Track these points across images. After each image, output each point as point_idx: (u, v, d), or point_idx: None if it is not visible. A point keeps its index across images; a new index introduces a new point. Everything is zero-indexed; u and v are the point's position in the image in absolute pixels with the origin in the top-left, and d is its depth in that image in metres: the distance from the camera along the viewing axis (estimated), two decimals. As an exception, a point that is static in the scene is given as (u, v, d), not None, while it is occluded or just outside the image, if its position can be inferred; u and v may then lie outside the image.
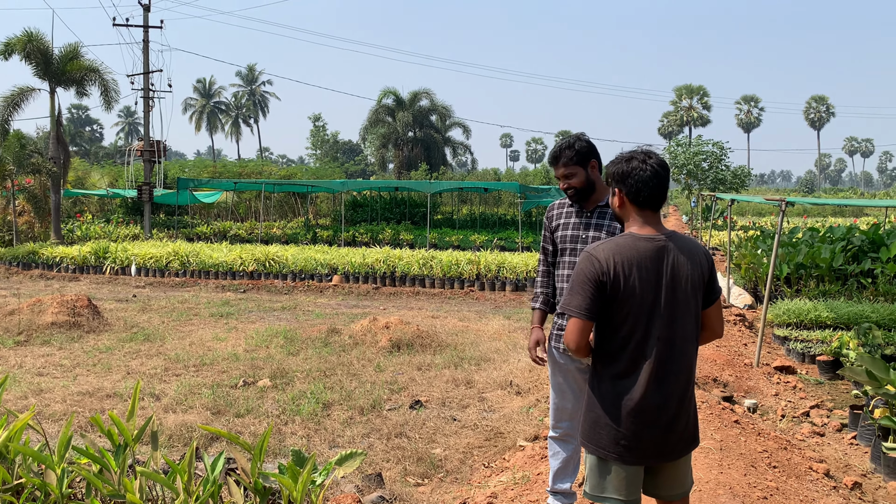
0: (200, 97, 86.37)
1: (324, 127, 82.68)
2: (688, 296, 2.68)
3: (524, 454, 5.14)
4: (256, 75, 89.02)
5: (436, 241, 22.34)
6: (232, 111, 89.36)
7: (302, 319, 11.41)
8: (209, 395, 6.81)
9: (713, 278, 2.79)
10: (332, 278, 15.66)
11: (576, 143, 3.65)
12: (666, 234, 2.71)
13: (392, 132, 52.56)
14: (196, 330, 10.31)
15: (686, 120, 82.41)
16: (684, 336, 2.69)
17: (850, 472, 5.33)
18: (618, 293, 2.61)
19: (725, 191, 30.72)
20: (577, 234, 3.65)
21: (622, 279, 2.60)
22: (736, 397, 6.89)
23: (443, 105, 53.50)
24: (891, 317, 9.74)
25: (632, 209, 2.74)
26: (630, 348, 2.65)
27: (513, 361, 8.22)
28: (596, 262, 2.62)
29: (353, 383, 7.33)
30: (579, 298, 2.63)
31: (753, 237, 16.85)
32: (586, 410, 2.78)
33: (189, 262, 16.70)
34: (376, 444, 5.60)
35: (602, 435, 2.69)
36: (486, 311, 12.75)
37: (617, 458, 2.66)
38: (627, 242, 2.66)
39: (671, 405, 2.66)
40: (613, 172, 2.78)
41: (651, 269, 2.63)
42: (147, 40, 25.26)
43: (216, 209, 32.73)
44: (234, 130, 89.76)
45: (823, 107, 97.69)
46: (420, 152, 51.31)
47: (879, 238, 13.54)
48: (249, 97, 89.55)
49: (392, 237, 23.16)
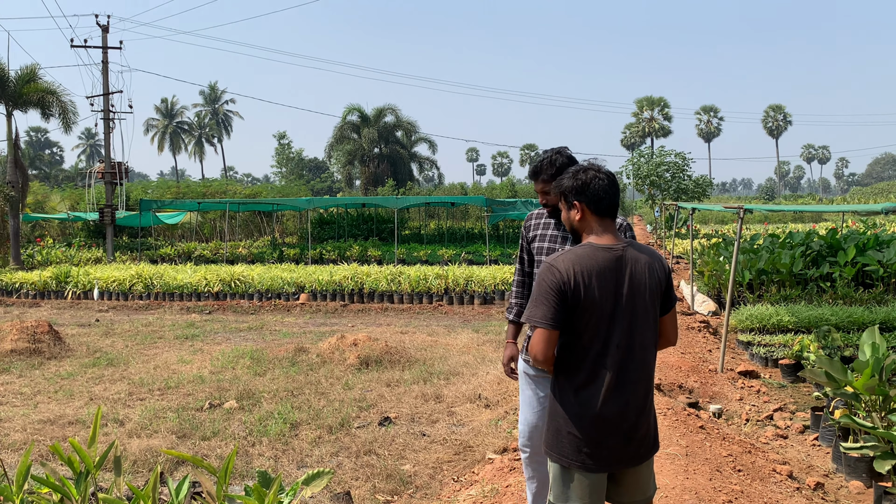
0: (162, 117, 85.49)
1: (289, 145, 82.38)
2: (646, 304, 2.72)
3: (493, 467, 5.15)
4: (219, 94, 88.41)
5: (404, 257, 22.32)
6: (195, 131, 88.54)
7: (269, 339, 11.31)
8: (174, 418, 6.71)
9: (670, 286, 2.85)
10: (299, 297, 15.56)
11: (557, 159, 3.61)
12: (624, 243, 2.76)
13: (358, 149, 52.52)
14: (161, 353, 10.16)
15: (648, 131, 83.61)
16: (643, 344, 2.73)
17: (813, 472, 5.43)
18: (578, 302, 2.64)
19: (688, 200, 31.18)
20: (554, 246, 3.60)
21: (582, 289, 2.63)
22: (701, 403, 6.99)
23: (408, 121, 53.64)
24: (849, 319, 9.97)
25: (592, 219, 2.78)
26: (590, 357, 2.68)
27: (481, 375, 8.23)
28: (556, 273, 2.66)
29: (321, 402, 7.28)
30: (543, 309, 2.65)
31: (716, 245, 17.13)
32: (549, 419, 2.81)
33: (153, 285, 16.47)
34: (345, 463, 5.57)
35: (564, 444, 2.71)
36: (455, 325, 12.76)
37: (580, 466, 2.69)
38: (587, 252, 2.70)
39: (631, 413, 2.70)
40: (571, 186, 2.82)
41: (610, 279, 2.67)
42: (106, 61, 24.96)
43: (180, 230, 32.36)
44: (197, 150, 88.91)
45: (781, 115, 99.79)
46: (386, 168, 51.33)
47: (837, 243, 13.87)
48: (213, 116, 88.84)
49: (360, 254, 23.08)
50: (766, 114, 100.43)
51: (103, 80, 24.88)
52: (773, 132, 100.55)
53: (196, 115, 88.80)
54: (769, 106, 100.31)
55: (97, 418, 3.67)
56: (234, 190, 37.80)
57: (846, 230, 17.84)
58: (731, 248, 15.41)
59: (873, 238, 14.02)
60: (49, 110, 22.63)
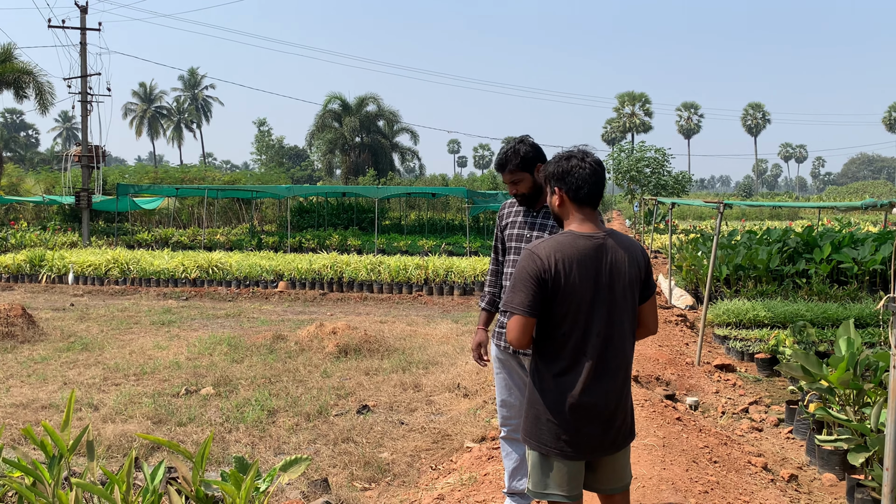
0: (141, 101, 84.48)
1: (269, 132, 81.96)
2: (626, 292, 2.73)
3: (471, 455, 5.15)
4: (199, 79, 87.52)
5: (384, 247, 22.26)
6: (174, 116, 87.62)
7: (246, 326, 11.23)
8: (150, 404, 6.64)
9: (649, 275, 2.85)
10: (277, 285, 15.46)
11: (521, 148, 3.64)
12: (604, 231, 2.76)
13: (339, 137, 52.28)
14: (136, 338, 10.05)
15: (629, 126, 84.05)
16: (622, 332, 2.74)
17: (787, 465, 5.49)
18: (559, 290, 2.64)
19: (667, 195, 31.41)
20: (523, 233, 3.68)
21: (563, 276, 2.63)
22: (678, 395, 7.04)
23: (390, 110, 53.48)
24: (824, 315, 10.09)
25: (572, 207, 2.78)
26: (570, 345, 2.68)
27: (460, 364, 8.24)
28: (538, 260, 2.65)
29: (299, 390, 7.24)
30: (521, 295, 2.65)
31: (694, 240, 17.27)
32: (528, 407, 2.81)
33: (129, 270, 16.28)
34: (323, 450, 5.54)
35: (543, 431, 2.72)
36: (435, 315, 12.76)
37: (559, 453, 2.70)
38: (567, 240, 2.69)
39: (611, 400, 2.71)
40: (553, 172, 2.82)
41: (590, 266, 2.67)
42: (84, 42, 24.57)
43: (158, 216, 32.02)
44: (176, 136, 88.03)
45: (760, 114, 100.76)
46: (368, 158, 51.15)
47: (813, 240, 14.03)
48: (192, 102, 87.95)
49: (339, 243, 22.98)
50: (745, 111, 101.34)
51: (81, 61, 24.49)
52: (752, 130, 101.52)
53: (175, 100, 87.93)
54: (749, 104, 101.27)
55: (70, 402, 3.62)
56: (212, 176, 37.49)
57: (822, 228, 18.05)
58: (708, 243, 15.54)
59: (848, 236, 14.20)
60: (25, 91, 22.25)
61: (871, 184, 77.62)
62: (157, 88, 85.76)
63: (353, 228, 28.02)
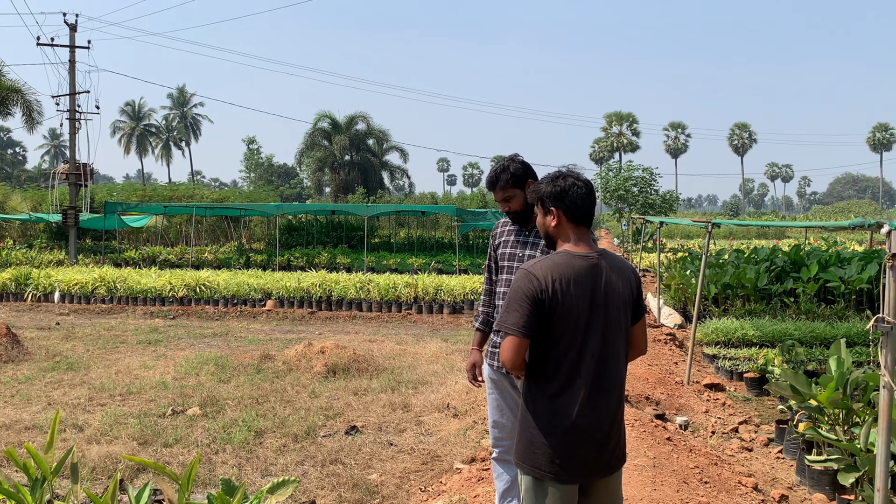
0: (130, 119, 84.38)
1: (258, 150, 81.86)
2: (619, 313, 2.71)
3: (461, 477, 5.11)
4: (188, 97, 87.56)
5: (373, 265, 22.21)
6: (163, 134, 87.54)
7: (234, 346, 11.15)
8: (136, 424, 6.56)
9: (640, 296, 2.85)
10: (265, 303, 15.38)
11: (510, 165, 3.66)
12: (598, 251, 2.75)
13: (328, 155, 52.32)
14: (123, 358, 9.95)
15: (616, 146, 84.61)
16: (616, 353, 2.71)
17: (778, 485, 5.48)
18: (556, 310, 2.61)
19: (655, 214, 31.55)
20: (515, 252, 3.67)
21: (560, 296, 2.60)
22: (668, 415, 7.02)
23: (380, 129, 53.61)
24: (812, 334, 10.12)
25: (569, 227, 2.77)
26: (565, 366, 2.64)
27: (450, 384, 8.19)
28: (534, 280, 2.62)
29: (286, 410, 7.17)
30: (516, 316, 2.61)
31: (682, 259, 17.32)
32: (521, 430, 2.76)
33: (116, 288, 16.15)
34: (311, 472, 5.48)
35: (537, 455, 2.66)
36: (424, 333, 12.71)
37: (553, 477, 2.64)
38: (563, 260, 2.68)
39: (605, 422, 2.68)
40: (549, 192, 2.80)
41: (587, 286, 2.65)
42: (73, 60, 24.55)
43: (146, 234, 31.87)
44: (164, 153, 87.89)
45: (746, 133, 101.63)
46: (357, 176, 51.18)
47: (800, 259, 14.11)
48: (181, 120, 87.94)
49: (328, 261, 22.92)
50: (731, 131, 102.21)
51: (70, 79, 24.46)
52: (738, 150, 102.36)
53: (164, 118, 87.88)
54: (735, 124, 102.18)
55: (55, 423, 3.57)
56: (201, 194, 37.39)
57: (809, 247, 18.17)
58: (697, 262, 15.60)
59: (835, 255, 14.30)
60: (11, 109, 22.14)
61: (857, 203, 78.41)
62: (145, 106, 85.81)
63: (343, 246, 27.96)
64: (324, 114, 51.75)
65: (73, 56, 24.56)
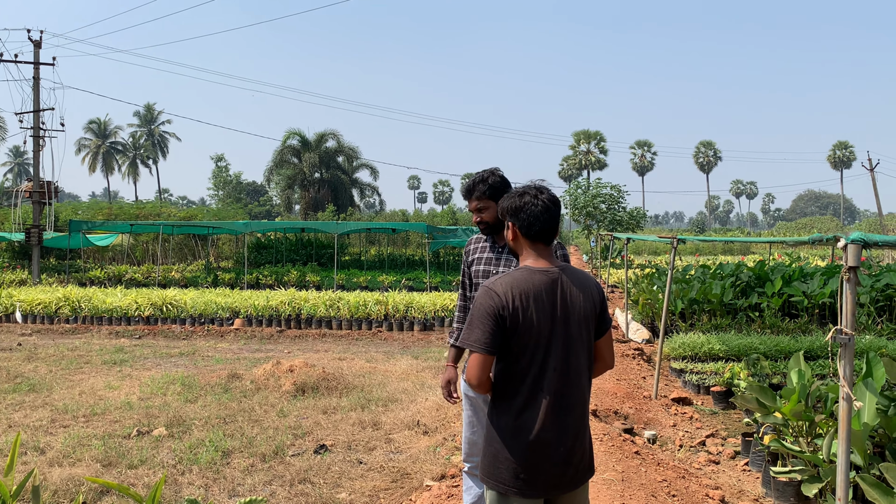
0: (95, 137, 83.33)
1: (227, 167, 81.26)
2: (581, 327, 2.74)
3: (431, 494, 5.09)
4: (156, 115, 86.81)
5: (343, 283, 22.12)
6: (129, 152, 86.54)
7: (201, 365, 11.00)
8: (100, 446, 6.44)
9: (604, 309, 2.86)
10: (233, 322, 15.21)
11: (489, 177, 3.74)
12: (559, 266, 2.78)
13: (298, 173, 52.13)
14: (87, 378, 9.76)
15: (584, 164, 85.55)
16: (578, 367, 2.73)
17: (744, 497, 5.54)
18: (517, 326, 2.63)
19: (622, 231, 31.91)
20: (489, 269, 3.70)
21: (521, 312, 2.63)
22: (636, 429, 7.08)
23: (350, 146, 53.63)
24: (776, 347, 10.29)
25: (525, 242, 2.81)
26: (528, 381, 2.66)
27: (420, 401, 8.16)
28: (495, 297, 2.64)
29: (254, 430, 7.09)
30: (479, 332, 2.64)
31: (650, 274, 17.52)
32: (486, 445, 2.78)
33: (81, 308, 15.87)
34: (279, 492, 5.42)
35: (501, 469, 2.68)
36: (395, 351, 12.67)
37: (517, 492, 2.65)
38: (523, 276, 2.70)
39: (568, 437, 2.69)
40: (507, 207, 2.85)
41: (547, 301, 2.67)
42: (37, 77, 24.21)
43: (111, 253, 31.38)
44: (131, 171, 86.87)
45: (711, 151, 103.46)
46: (327, 193, 51.05)
47: (765, 274, 14.36)
48: (148, 137, 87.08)
49: (298, 279, 22.77)
50: (697, 149, 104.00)
51: (34, 96, 24.11)
52: (703, 167, 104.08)
53: (131, 136, 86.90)
54: (700, 142, 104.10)
55: (15, 446, 3.49)
56: (168, 212, 36.98)
57: (773, 262, 18.49)
58: (664, 277, 15.78)
59: (798, 270, 14.57)
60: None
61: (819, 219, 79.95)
62: (111, 124, 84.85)
63: (313, 264, 27.81)
64: (293, 131, 51.67)
65: (37, 73, 24.24)
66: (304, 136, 51.63)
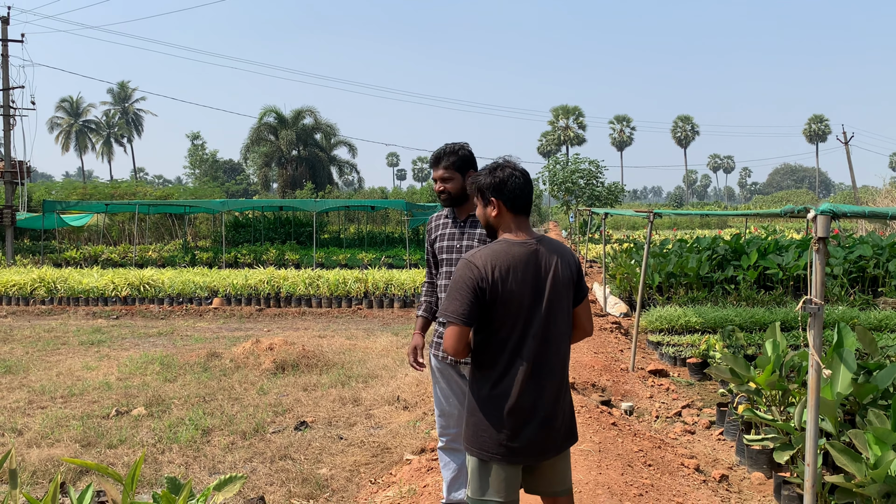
0: (68, 115, 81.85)
1: (203, 146, 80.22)
2: (560, 295, 2.80)
3: (411, 468, 5.14)
4: (130, 93, 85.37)
5: (323, 261, 22.05)
6: (103, 130, 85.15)
7: (180, 345, 10.96)
8: (78, 426, 6.41)
9: (580, 277, 2.94)
10: (212, 301, 15.13)
11: (459, 150, 3.75)
12: (536, 237, 2.84)
13: (275, 151, 51.67)
14: (64, 359, 9.69)
15: (563, 139, 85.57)
16: (558, 335, 2.81)
17: (718, 465, 5.65)
18: (497, 297, 2.70)
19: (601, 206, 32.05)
20: (453, 244, 3.74)
21: (500, 283, 2.69)
22: (614, 401, 7.17)
23: (327, 123, 53.18)
24: (752, 319, 10.44)
25: (509, 216, 2.85)
26: (507, 350, 2.73)
27: (400, 377, 8.21)
28: (475, 269, 2.71)
29: (234, 408, 7.10)
30: (457, 304, 2.70)
31: (627, 249, 17.65)
32: (468, 415, 2.84)
33: (56, 289, 15.70)
34: (259, 468, 5.44)
35: (484, 438, 2.75)
36: (374, 328, 12.70)
37: (500, 458, 2.73)
38: (502, 248, 2.77)
39: (548, 403, 2.76)
40: (489, 183, 2.87)
41: (527, 272, 2.75)
42: (6, 55, 23.71)
43: (87, 233, 31.02)
44: (105, 150, 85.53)
45: (689, 126, 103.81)
46: (305, 171, 50.69)
47: (741, 247, 14.52)
48: (122, 115, 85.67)
49: (277, 257, 22.66)
50: (675, 124, 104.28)
51: (3, 74, 23.62)
52: (681, 142, 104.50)
53: (105, 114, 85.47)
54: (678, 116, 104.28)
55: (-9, 426, 3.47)
56: (144, 191, 36.56)
57: (749, 236, 18.69)
58: (641, 252, 15.90)
59: (773, 243, 14.76)
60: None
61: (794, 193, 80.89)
62: (84, 102, 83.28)
63: (291, 243, 27.68)
64: (269, 108, 51.13)
65: (5, 50, 23.73)
66: (280, 113, 51.12)
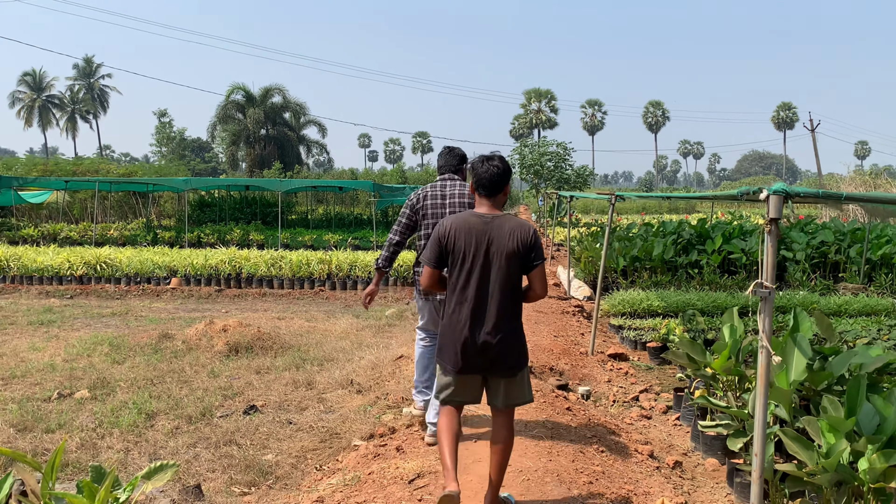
0: (30, 90, 79.75)
1: (170, 123, 78.80)
2: (501, 259, 3.64)
3: (357, 454, 4.99)
4: (95, 68, 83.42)
5: (288, 242, 21.72)
6: (67, 106, 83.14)
7: (133, 325, 10.67)
8: (16, 410, 6.15)
9: (532, 249, 3.69)
10: (170, 281, 14.80)
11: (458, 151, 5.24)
12: (494, 215, 3.73)
13: (243, 129, 50.87)
14: (10, 340, 9.36)
15: (535, 122, 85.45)
16: (497, 288, 3.65)
17: (673, 451, 5.58)
18: (451, 250, 3.70)
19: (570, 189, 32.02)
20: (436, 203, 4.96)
21: (453, 240, 3.69)
22: (571, 385, 7.08)
23: (297, 102, 52.48)
24: (713, 304, 10.43)
25: (476, 195, 3.84)
26: (457, 291, 3.70)
27: (356, 360, 8.04)
28: (441, 227, 3.75)
29: (182, 391, 6.88)
30: (429, 252, 3.77)
31: (594, 233, 17.60)
32: (439, 337, 3.81)
33: (9, 267, 15.24)
34: (203, 454, 5.25)
35: (444, 353, 3.75)
36: (336, 310, 12.50)
37: (452, 369, 3.70)
38: (465, 217, 3.75)
39: (488, 335, 3.62)
40: (470, 167, 3.91)
41: (475, 236, 3.67)
42: (-41, 24, 22.89)
43: (47, 211, 30.22)
44: (70, 126, 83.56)
45: (660, 111, 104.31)
46: (273, 150, 50.00)
47: (706, 232, 14.53)
48: (87, 91, 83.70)
49: (241, 238, 22.27)
50: (646, 109, 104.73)
51: (-44, 44, 22.80)
52: (652, 127, 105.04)
53: (69, 89, 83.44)
54: (649, 101, 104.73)
55: None
56: (108, 169, 35.69)
57: (715, 221, 18.75)
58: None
59: (738, 227, 14.79)
60: None
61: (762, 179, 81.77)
62: (47, 76, 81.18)
63: (257, 223, 27.21)
64: (237, 85, 50.27)
65: (-42, 19, 22.90)
66: (248, 90, 50.28)
